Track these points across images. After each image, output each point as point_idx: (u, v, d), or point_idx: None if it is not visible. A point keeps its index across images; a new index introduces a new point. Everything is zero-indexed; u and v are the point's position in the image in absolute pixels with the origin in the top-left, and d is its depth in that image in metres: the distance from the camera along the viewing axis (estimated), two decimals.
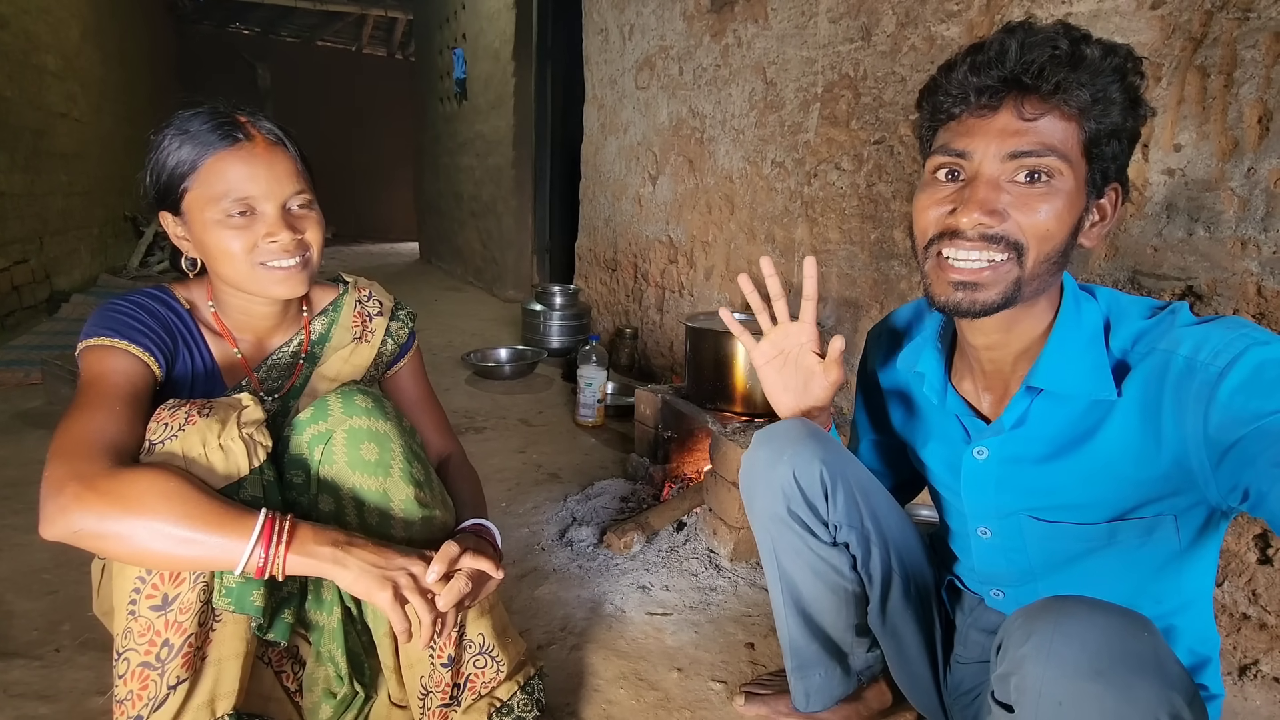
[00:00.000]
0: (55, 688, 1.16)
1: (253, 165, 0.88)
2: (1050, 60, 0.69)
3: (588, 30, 3.55)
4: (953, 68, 0.75)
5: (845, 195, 2.06)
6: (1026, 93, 0.71)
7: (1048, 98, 0.71)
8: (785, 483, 0.94)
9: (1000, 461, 0.85)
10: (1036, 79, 0.70)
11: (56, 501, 0.72)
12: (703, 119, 2.71)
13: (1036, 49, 0.70)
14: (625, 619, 1.42)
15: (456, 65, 5.88)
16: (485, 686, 0.97)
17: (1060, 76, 0.69)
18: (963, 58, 0.74)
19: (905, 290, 1.89)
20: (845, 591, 1.00)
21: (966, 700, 1.00)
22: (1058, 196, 0.72)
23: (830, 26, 2.06)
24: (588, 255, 3.75)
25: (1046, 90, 0.70)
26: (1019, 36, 0.71)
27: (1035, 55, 0.69)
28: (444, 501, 0.98)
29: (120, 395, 0.83)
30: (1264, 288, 1.21)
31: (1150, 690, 0.56)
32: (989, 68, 0.72)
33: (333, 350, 1.05)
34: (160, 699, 0.79)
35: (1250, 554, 1.26)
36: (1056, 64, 0.69)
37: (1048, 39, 0.70)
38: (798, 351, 0.97)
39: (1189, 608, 0.85)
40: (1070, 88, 0.70)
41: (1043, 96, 0.71)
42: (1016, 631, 0.63)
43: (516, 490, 2.01)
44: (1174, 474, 0.73)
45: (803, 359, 0.97)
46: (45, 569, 1.49)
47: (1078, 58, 0.69)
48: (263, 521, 0.76)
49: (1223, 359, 0.67)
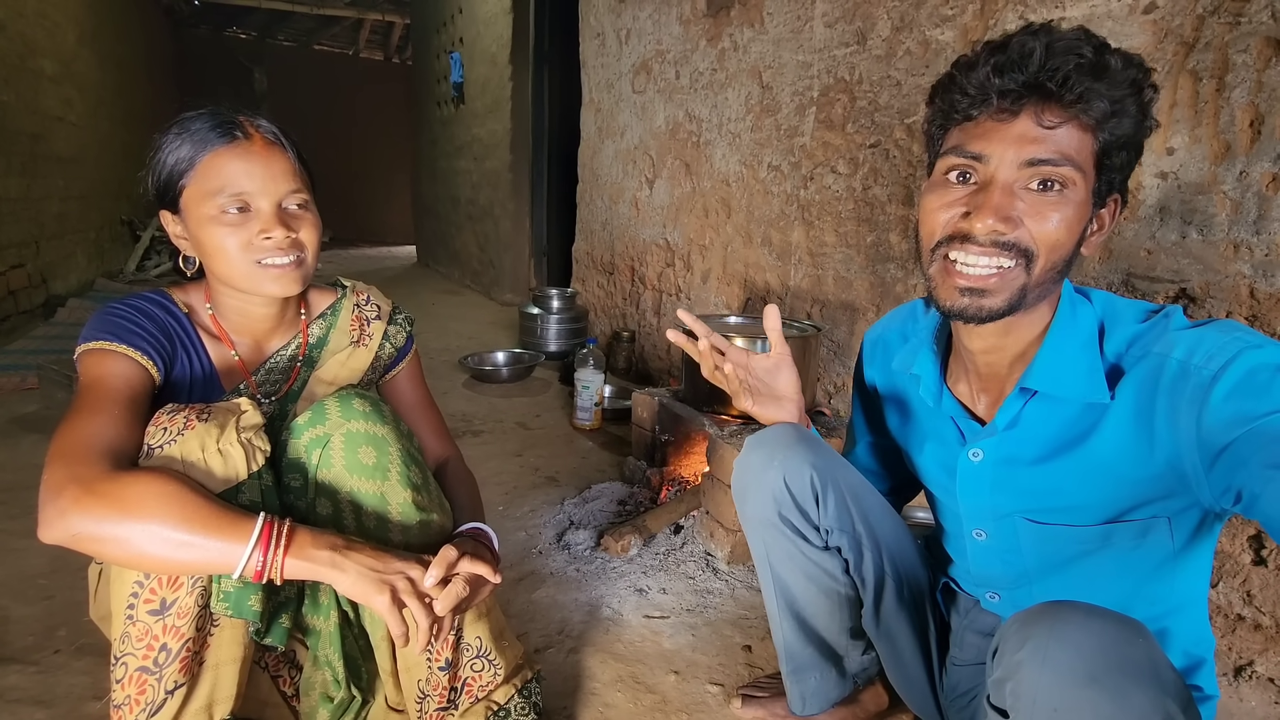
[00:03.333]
0: (52, 693, 1.16)
1: (249, 162, 0.89)
2: (1076, 68, 0.68)
3: (584, 34, 3.56)
4: (973, 67, 0.73)
5: (841, 199, 2.07)
6: (1048, 99, 0.70)
7: (1069, 106, 0.70)
8: (776, 488, 0.94)
9: (995, 463, 0.85)
10: (1061, 87, 0.69)
11: (55, 505, 0.72)
12: (699, 123, 2.72)
13: (1061, 55, 0.68)
14: (622, 622, 1.42)
15: (453, 69, 5.89)
16: (482, 690, 0.97)
17: (1085, 86, 0.68)
18: (984, 58, 0.72)
19: (901, 293, 1.90)
20: (839, 595, 1.00)
21: (963, 702, 1.00)
22: (1069, 206, 0.72)
23: (825, 31, 2.07)
24: (585, 259, 3.75)
25: (1069, 99, 0.69)
26: (1042, 40, 0.69)
27: (1060, 62, 0.68)
28: (441, 505, 0.98)
29: (119, 399, 0.83)
30: (1256, 290, 1.21)
31: (1145, 697, 0.56)
32: (1012, 70, 0.70)
33: (330, 354, 1.05)
34: (158, 704, 0.79)
35: (1245, 555, 1.27)
36: (1081, 72, 0.68)
37: (1072, 45, 0.68)
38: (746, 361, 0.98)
39: (1183, 610, 0.85)
40: (1092, 98, 0.69)
41: (1064, 105, 0.70)
42: (1012, 637, 0.63)
43: (514, 494, 2.01)
44: (1167, 477, 0.73)
45: (752, 364, 0.98)
46: (41, 574, 1.49)
47: (1101, 67, 0.68)
48: (261, 526, 0.76)
49: (1216, 363, 0.67)
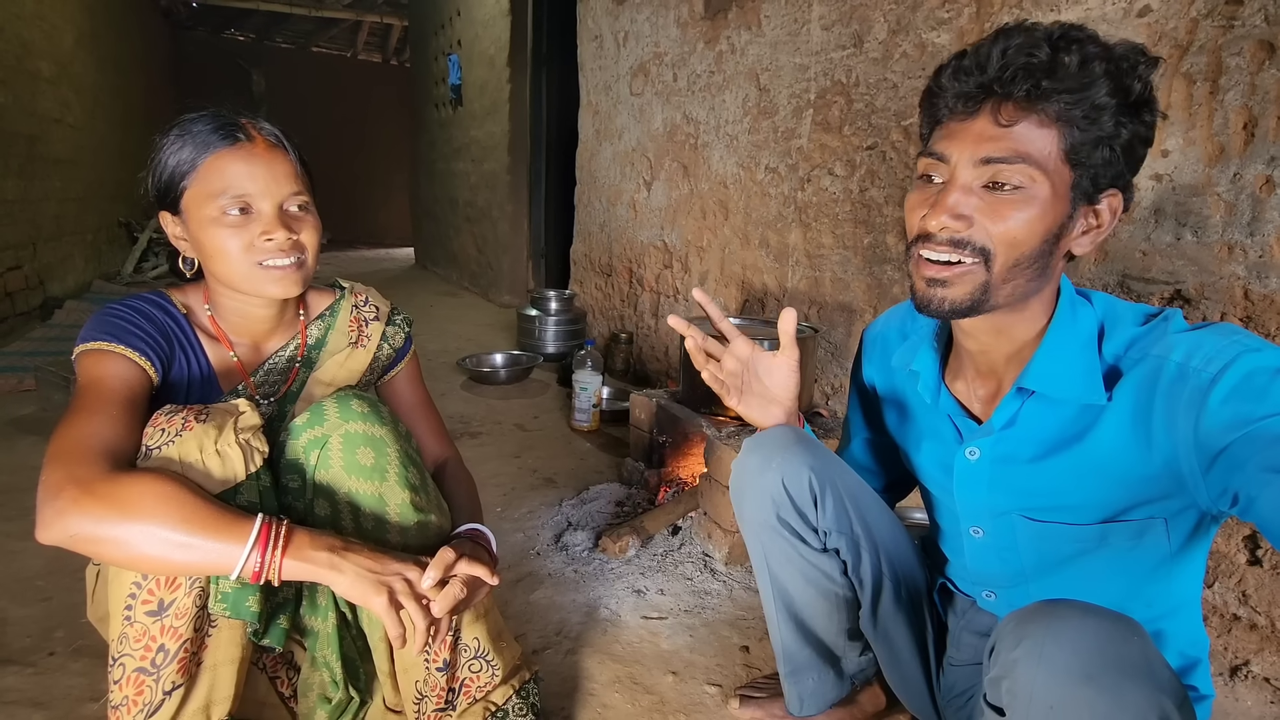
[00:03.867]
0: (49, 694, 1.16)
1: (252, 164, 0.89)
2: (1024, 67, 0.69)
3: (582, 37, 3.56)
4: (941, 72, 0.76)
5: (838, 200, 2.08)
6: (1004, 99, 0.71)
7: (1023, 104, 0.71)
8: (774, 490, 0.94)
9: (992, 461, 0.85)
10: (1008, 85, 0.70)
11: (53, 506, 0.72)
12: (697, 125, 2.72)
13: (1014, 54, 0.70)
14: (620, 623, 1.42)
15: (451, 71, 5.90)
16: (480, 691, 0.98)
17: (1030, 84, 0.69)
18: (951, 62, 0.75)
19: (898, 294, 1.91)
20: (836, 597, 1.01)
21: (960, 702, 1.01)
22: (1029, 204, 0.72)
23: (823, 33, 2.08)
24: (583, 260, 3.76)
25: (1019, 96, 0.70)
26: (1003, 43, 0.71)
27: (1011, 60, 0.70)
28: (440, 506, 0.98)
29: (117, 400, 0.83)
30: (1251, 291, 1.22)
31: (1140, 694, 0.56)
32: (970, 73, 0.72)
33: (329, 355, 1.05)
34: (155, 705, 0.79)
35: (1240, 555, 1.27)
36: (1030, 71, 0.69)
37: (1026, 46, 0.70)
38: (749, 356, 0.97)
39: (1179, 611, 0.86)
40: (1047, 95, 0.70)
41: (1018, 103, 0.71)
42: (1009, 635, 0.63)
43: (512, 495, 2.01)
44: (1164, 478, 0.73)
45: (756, 360, 0.97)
46: (38, 575, 1.49)
47: (1054, 65, 0.69)
48: (259, 526, 0.76)
49: (1214, 365, 0.67)
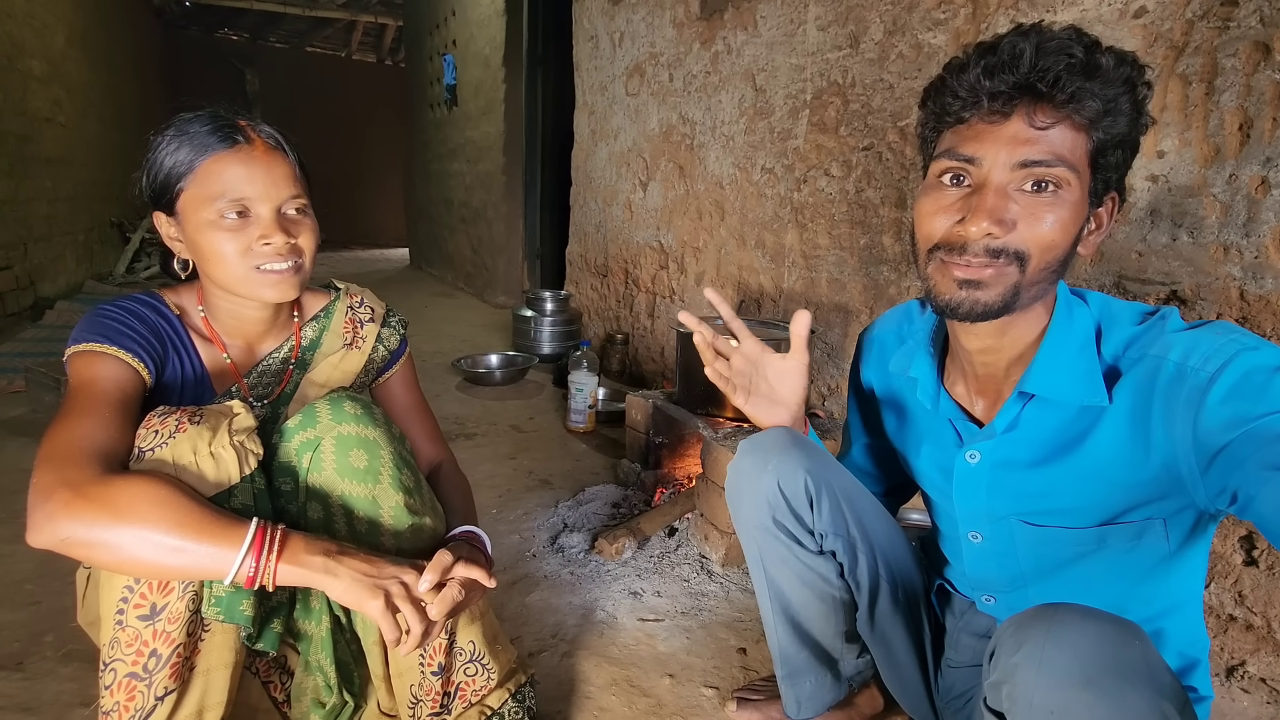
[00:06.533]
0: (38, 700, 1.15)
1: (250, 167, 0.88)
2: (1066, 69, 0.68)
3: (578, 37, 3.56)
4: (964, 69, 0.73)
5: (834, 201, 2.08)
6: (1039, 100, 0.70)
7: (1061, 106, 0.69)
8: (770, 492, 0.94)
9: (992, 465, 0.85)
10: (1051, 87, 0.68)
11: (45, 509, 0.71)
12: (693, 125, 2.72)
13: (1052, 55, 0.68)
14: (617, 625, 1.42)
15: (446, 71, 5.89)
16: (476, 695, 0.97)
17: (1076, 86, 0.68)
18: (975, 59, 0.71)
19: (895, 295, 1.91)
20: (833, 599, 1.00)
21: (958, 704, 1.00)
22: (1063, 206, 0.71)
23: (819, 34, 2.08)
24: (578, 261, 3.75)
25: (1061, 99, 0.69)
26: (1033, 40, 0.69)
27: (1050, 62, 0.68)
28: (434, 509, 0.97)
29: (109, 401, 0.82)
30: (1246, 292, 1.22)
31: (1141, 698, 0.56)
32: (1002, 72, 0.69)
33: (323, 356, 1.04)
34: (147, 710, 0.78)
35: (1236, 555, 1.27)
36: (1072, 72, 0.68)
37: (1062, 45, 0.68)
38: (758, 357, 0.96)
39: (1178, 610, 0.85)
40: (1084, 97, 0.68)
41: (1056, 105, 0.69)
42: (1008, 640, 0.63)
43: (507, 497, 2.01)
44: (1163, 478, 0.73)
45: (764, 362, 0.96)
46: (28, 579, 1.47)
47: (1093, 66, 0.68)
48: (254, 531, 0.75)
49: (1212, 364, 0.67)
